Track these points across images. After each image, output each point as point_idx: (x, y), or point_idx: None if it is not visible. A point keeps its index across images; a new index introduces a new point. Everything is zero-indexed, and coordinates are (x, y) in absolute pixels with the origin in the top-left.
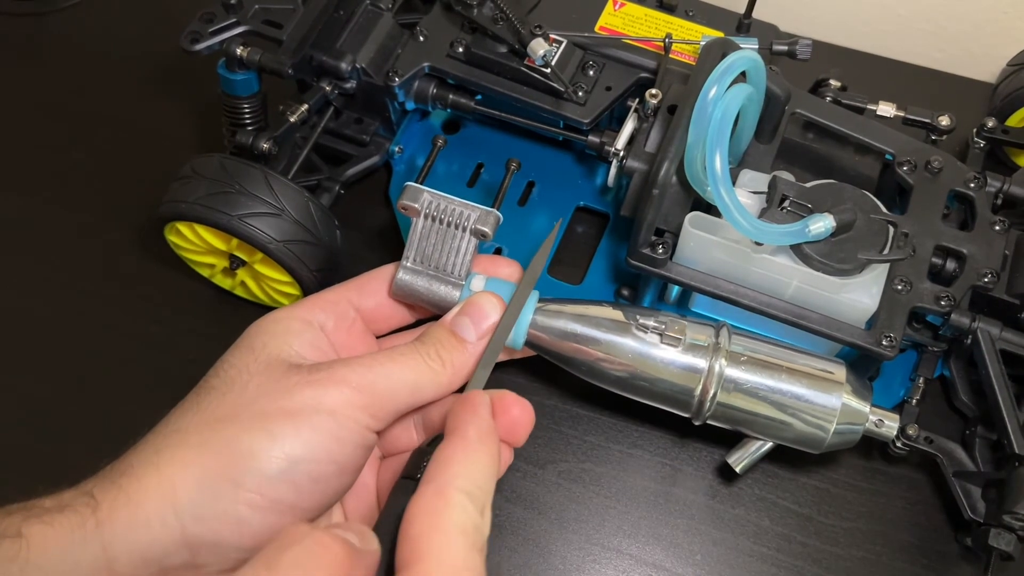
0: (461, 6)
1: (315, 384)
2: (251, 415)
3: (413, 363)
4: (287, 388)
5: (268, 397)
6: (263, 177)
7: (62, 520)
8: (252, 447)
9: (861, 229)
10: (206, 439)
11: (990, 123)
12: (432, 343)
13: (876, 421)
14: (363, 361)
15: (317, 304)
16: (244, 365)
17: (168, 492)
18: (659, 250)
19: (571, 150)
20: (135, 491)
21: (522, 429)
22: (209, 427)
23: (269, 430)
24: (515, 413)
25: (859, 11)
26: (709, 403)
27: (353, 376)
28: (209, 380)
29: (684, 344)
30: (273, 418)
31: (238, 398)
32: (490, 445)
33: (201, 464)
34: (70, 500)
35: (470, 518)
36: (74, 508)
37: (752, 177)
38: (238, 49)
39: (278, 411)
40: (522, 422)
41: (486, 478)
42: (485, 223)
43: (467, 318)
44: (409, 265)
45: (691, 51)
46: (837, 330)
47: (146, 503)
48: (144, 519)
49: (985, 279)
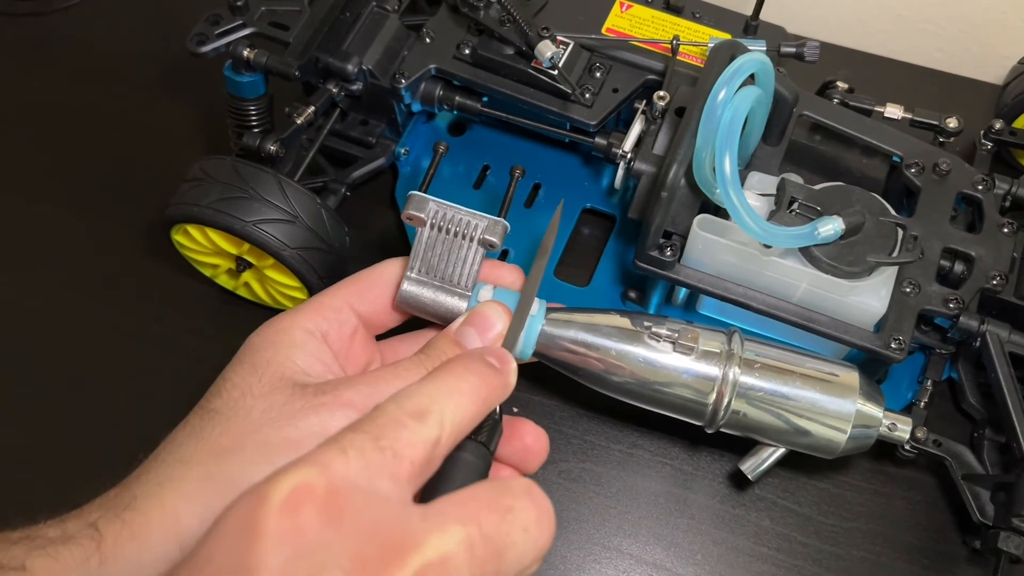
0: (468, 8)
1: (320, 409)
2: (255, 446)
3: (417, 377)
4: (292, 414)
5: (273, 425)
6: (276, 182)
7: (66, 555)
8: (256, 482)
9: (870, 232)
10: (210, 472)
11: (997, 125)
12: (437, 357)
13: (889, 425)
14: (367, 380)
15: (320, 312)
16: (248, 386)
17: (172, 528)
18: (667, 252)
19: (578, 152)
20: (139, 526)
21: (534, 459)
22: (213, 459)
23: (272, 463)
24: (528, 442)
25: (866, 13)
26: (724, 411)
27: (358, 398)
28: (212, 402)
29: (697, 352)
30: (277, 449)
31: (242, 425)
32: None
33: (204, 499)
34: (74, 531)
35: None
36: (78, 541)
37: (760, 179)
38: (245, 51)
39: (282, 441)
40: (535, 451)
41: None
42: (493, 233)
43: (472, 328)
44: (414, 276)
45: (698, 53)
46: (846, 333)
47: (150, 539)
48: (150, 556)
49: (993, 281)
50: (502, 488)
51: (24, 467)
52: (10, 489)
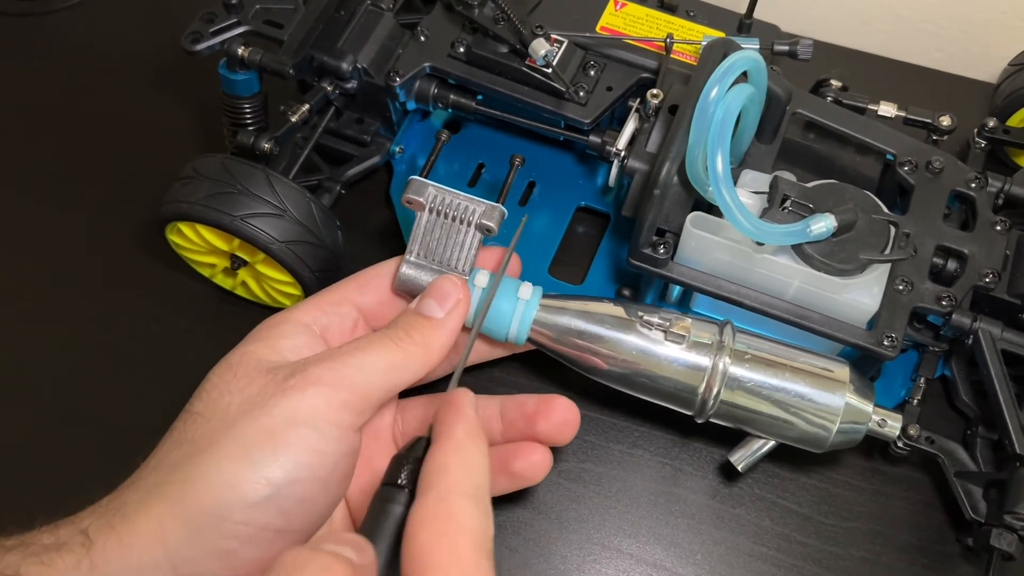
0: (462, 6)
1: (290, 391)
2: (231, 441)
3: (384, 348)
4: (264, 402)
5: (247, 417)
6: (265, 178)
7: (58, 561)
8: (233, 477)
9: (862, 229)
10: (189, 474)
11: (991, 123)
12: (400, 326)
13: (879, 421)
14: (334, 355)
15: (318, 306)
16: (225, 384)
17: (158, 533)
18: (660, 250)
19: (572, 150)
20: (127, 533)
21: (569, 430)
22: (192, 461)
23: (248, 456)
24: (564, 416)
25: (860, 11)
26: (713, 401)
27: (327, 374)
28: (195, 405)
29: (688, 341)
30: (253, 440)
31: (220, 424)
32: (480, 443)
33: (185, 502)
34: (66, 538)
35: (477, 522)
36: (70, 548)
37: (753, 177)
38: (239, 49)
39: (257, 431)
40: (570, 422)
41: (483, 478)
42: (490, 218)
43: (431, 299)
44: (413, 259)
45: (692, 51)
46: (838, 330)
47: (137, 546)
48: (136, 562)
49: (986, 279)
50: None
51: (20, 467)
52: (7, 491)
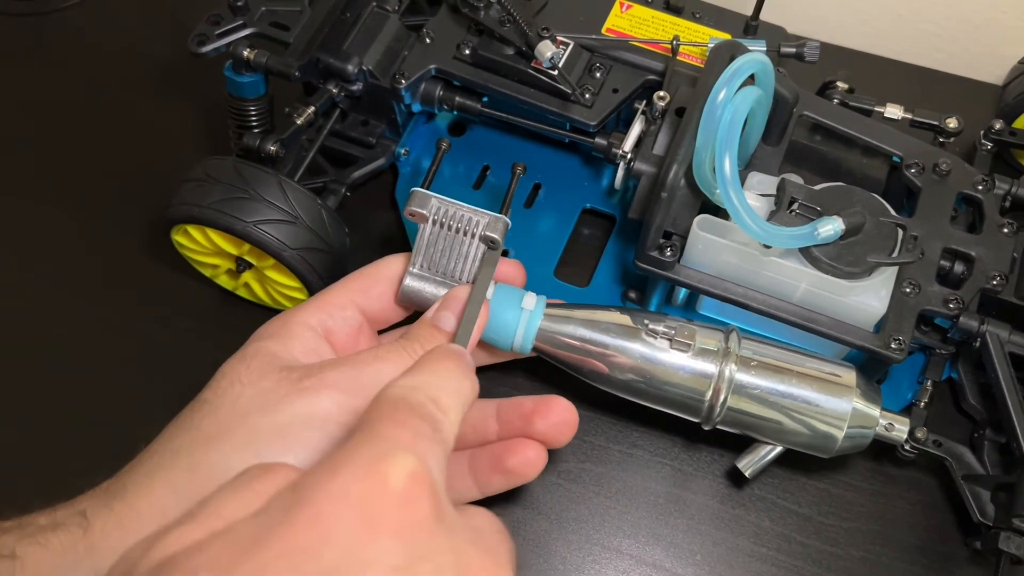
0: (468, 8)
1: (305, 393)
2: (241, 432)
3: (399, 359)
4: (278, 400)
5: (259, 411)
6: (278, 183)
7: (54, 541)
8: (240, 468)
9: (870, 232)
10: (196, 461)
11: (997, 125)
12: (415, 338)
13: (886, 425)
14: (350, 362)
15: (323, 308)
16: (236, 375)
17: (159, 518)
18: (667, 253)
19: (578, 152)
20: (127, 516)
21: (568, 430)
22: (200, 448)
23: (256, 450)
24: (562, 416)
25: (866, 13)
26: (719, 408)
27: (344, 380)
28: (203, 394)
29: (694, 349)
30: (263, 435)
31: (229, 413)
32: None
33: (190, 488)
34: (63, 519)
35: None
36: (67, 528)
37: (760, 180)
38: (245, 51)
39: (269, 427)
40: (568, 422)
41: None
42: (494, 229)
43: (448, 312)
44: (416, 271)
45: (698, 53)
46: (846, 333)
47: (136, 529)
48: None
49: (994, 282)
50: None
51: (21, 468)
52: (7, 490)
